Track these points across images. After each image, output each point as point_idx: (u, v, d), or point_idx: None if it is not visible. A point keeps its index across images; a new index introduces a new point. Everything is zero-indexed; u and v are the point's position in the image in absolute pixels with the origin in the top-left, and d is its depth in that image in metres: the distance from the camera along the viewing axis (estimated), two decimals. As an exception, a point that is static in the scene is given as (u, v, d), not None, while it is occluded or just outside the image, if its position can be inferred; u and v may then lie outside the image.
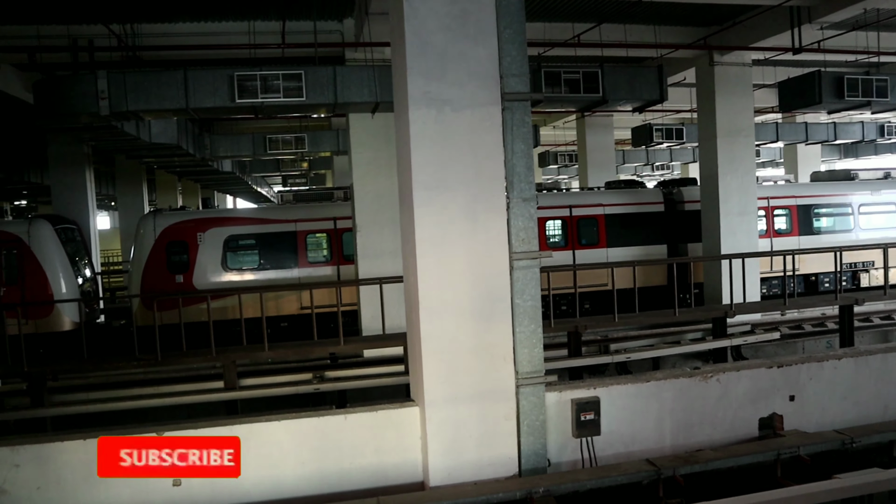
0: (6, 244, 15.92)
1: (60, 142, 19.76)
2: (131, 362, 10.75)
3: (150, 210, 17.96)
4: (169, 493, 7.25)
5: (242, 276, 16.73)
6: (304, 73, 11.35)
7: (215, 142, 20.72)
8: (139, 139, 14.66)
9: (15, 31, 13.75)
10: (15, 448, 7.03)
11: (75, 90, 11.05)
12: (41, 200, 37.36)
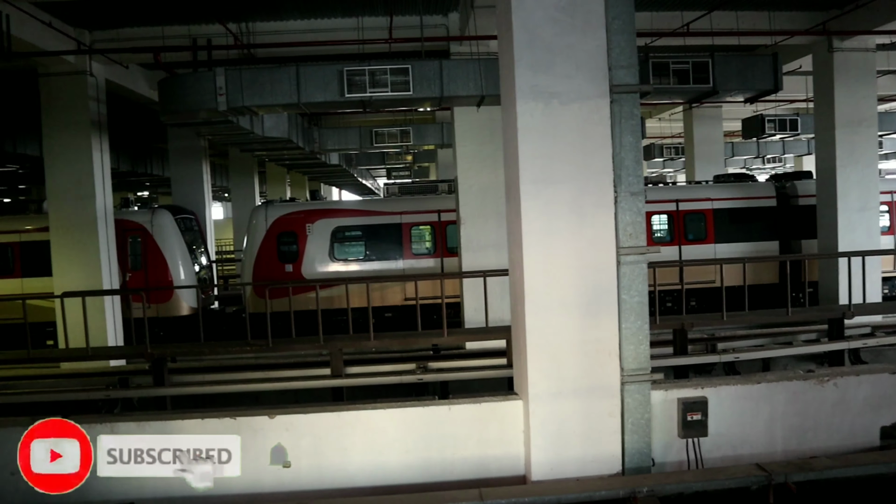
0: (131, 232, 16.94)
1: (180, 136, 20.83)
2: (244, 347, 11.20)
3: (261, 201, 18.68)
4: (278, 474, 7.54)
5: (348, 266, 17.16)
6: (410, 67, 11.50)
7: (324, 135, 21.29)
8: (253, 133, 15.24)
9: (141, 33, 14.56)
10: (141, 424, 7.48)
11: (196, 87, 11.60)
12: (161, 192, 39.49)
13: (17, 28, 12.27)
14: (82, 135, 14.59)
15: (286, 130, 16.58)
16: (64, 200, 14.70)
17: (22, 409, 10.74)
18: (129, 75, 16.33)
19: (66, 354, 12.02)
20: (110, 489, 7.52)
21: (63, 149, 14.66)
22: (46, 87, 14.66)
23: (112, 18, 14.04)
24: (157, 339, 14.19)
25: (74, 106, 14.59)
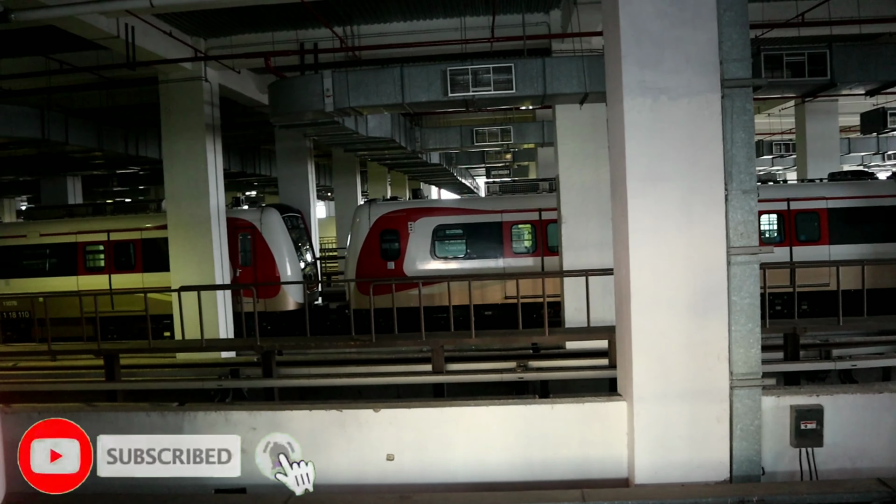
0: (242, 230, 17.66)
1: (287, 137, 21.57)
2: (348, 342, 11.48)
3: (364, 200, 19.11)
4: (382, 467, 7.70)
5: (449, 264, 17.31)
6: (513, 65, 11.48)
7: (425, 135, 21.55)
8: (357, 133, 15.60)
9: (252, 39, 15.16)
10: (252, 413, 7.80)
11: (304, 89, 11.97)
12: (269, 191, 40.95)
13: (141, 39, 13.03)
14: (197, 137, 15.33)
15: (389, 130, 16.88)
16: (181, 200, 15.49)
17: (144, 396, 11.42)
18: (240, 80, 17.04)
19: (182, 345, 12.67)
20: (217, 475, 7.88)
21: (180, 151, 15.45)
22: (166, 92, 15.47)
23: (225, 26, 14.67)
24: (265, 333, 14.69)
25: (191, 110, 15.35)
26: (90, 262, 18.64)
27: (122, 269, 18.34)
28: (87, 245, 18.62)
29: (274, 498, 7.27)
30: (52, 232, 19.02)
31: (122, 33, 12.56)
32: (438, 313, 15.69)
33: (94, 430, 8.18)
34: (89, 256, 18.66)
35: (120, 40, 12.61)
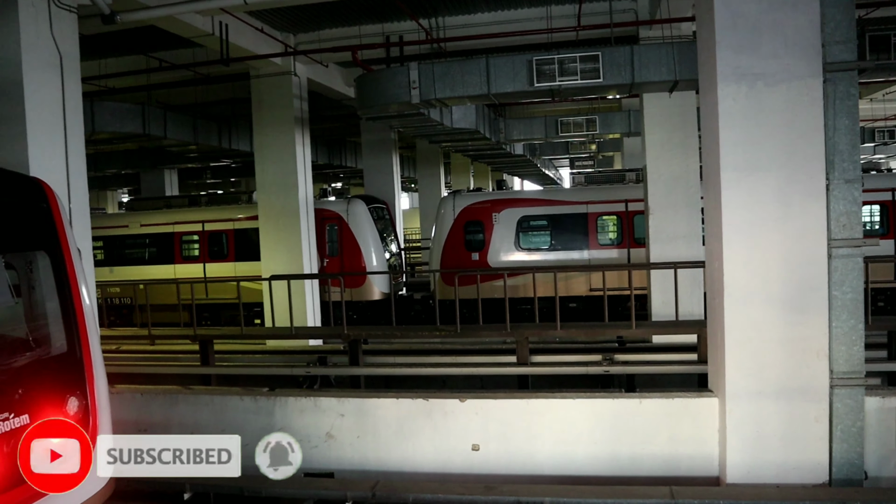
0: (329, 221, 18.03)
1: (372, 130, 21.85)
2: (433, 332, 11.56)
3: (448, 192, 19.20)
4: (468, 456, 7.75)
5: (533, 255, 17.21)
6: (600, 54, 11.27)
7: (509, 126, 21.46)
8: (442, 125, 15.68)
9: (339, 33, 15.40)
10: (341, 399, 7.98)
11: (390, 82, 12.09)
12: (354, 182, 41.67)
13: (234, 36, 13.43)
14: (287, 130, 15.71)
15: (474, 121, 16.88)
16: (271, 191, 15.93)
17: (235, 381, 11.81)
18: (327, 73, 17.36)
19: (272, 333, 13.04)
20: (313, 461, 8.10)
21: (270, 144, 15.87)
22: (257, 87, 15.91)
23: (314, 21, 14.95)
24: (350, 322, 15.00)
25: (280, 104, 15.73)
26: (186, 252, 19.42)
27: (216, 258, 19.02)
28: (184, 235, 19.41)
29: (361, 483, 7.43)
30: (151, 222, 19.91)
31: (217, 31, 12.98)
32: (522, 305, 15.63)
33: (191, 412, 8.59)
34: (185, 246, 19.44)
35: (214, 38, 13.03)
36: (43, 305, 5.58)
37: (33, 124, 8.56)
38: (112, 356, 12.99)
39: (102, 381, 5.69)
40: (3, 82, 8.47)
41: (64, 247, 5.62)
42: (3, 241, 5.35)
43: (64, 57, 8.98)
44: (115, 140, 18.63)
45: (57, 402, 5.19)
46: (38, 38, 8.65)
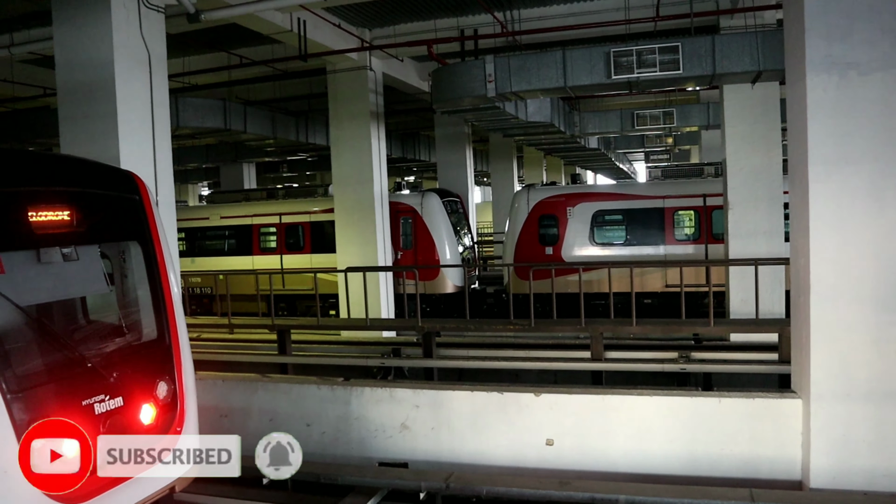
0: (403, 214, 18.19)
1: (446, 123, 21.95)
2: (507, 326, 11.54)
3: (522, 185, 19.11)
4: (541, 451, 7.73)
5: (608, 250, 16.97)
6: (680, 44, 11.02)
7: (584, 119, 21.21)
8: (517, 118, 15.62)
9: (414, 27, 15.51)
10: (417, 391, 8.06)
11: (466, 75, 12.11)
12: (427, 176, 41.92)
13: (312, 32, 13.69)
14: (362, 125, 15.92)
15: (549, 115, 16.75)
16: (347, 184, 16.18)
17: (311, 370, 12.05)
18: (402, 68, 17.50)
19: (348, 324, 13.23)
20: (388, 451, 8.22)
21: (346, 138, 16.12)
22: (333, 82, 16.17)
23: (389, 16, 15.09)
24: (423, 315, 15.03)
25: (356, 98, 15.96)
26: (264, 243, 19.91)
27: (292, 250, 19.43)
28: (262, 227, 19.89)
29: (435, 474, 7.49)
30: (230, 215, 20.48)
31: (295, 27, 13.25)
32: (596, 300, 15.45)
33: (270, 400, 8.83)
34: (263, 238, 19.93)
35: (293, 34, 13.31)
36: (135, 293, 5.82)
37: (124, 121, 8.93)
38: (193, 343, 13.43)
39: (189, 367, 5.91)
40: (97, 81, 8.86)
41: (154, 238, 5.85)
42: (100, 231, 5.61)
43: (152, 56, 9.33)
44: (197, 135, 19.22)
45: (148, 386, 5.41)
46: (128, 38, 9.01)
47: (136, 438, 5.22)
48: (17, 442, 4.42)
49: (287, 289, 17.87)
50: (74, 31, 8.99)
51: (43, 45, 13.08)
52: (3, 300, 4.45)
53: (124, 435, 5.11)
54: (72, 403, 4.82)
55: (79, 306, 5.72)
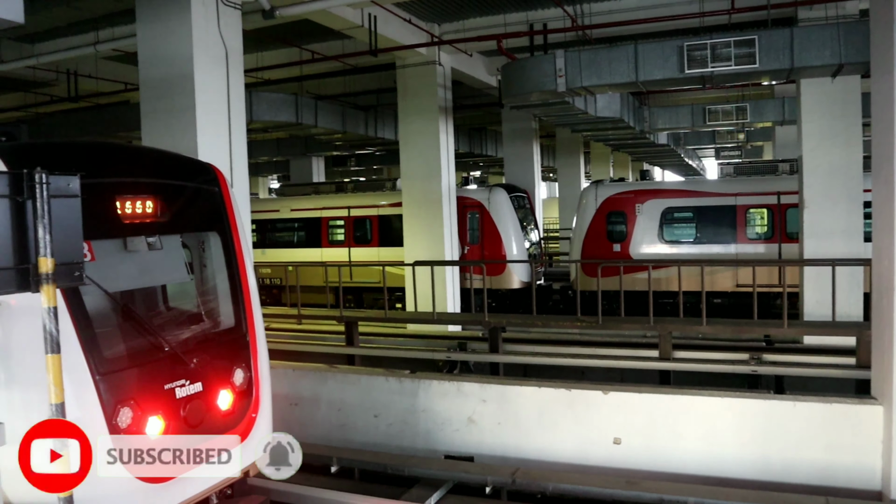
0: (470, 209, 18.22)
1: (513, 118, 21.86)
2: (574, 323, 11.47)
3: (590, 181, 18.88)
4: (608, 449, 7.67)
5: (678, 248, 16.66)
6: (757, 37, 10.72)
7: (654, 114, 20.84)
8: (586, 113, 15.46)
9: (483, 22, 15.47)
10: (483, 385, 8.10)
11: (536, 70, 12.04)
12: (493, 171, 41.86)
13: (382, 27, 13.83)
14: (431, 119, 16.00)
15: (618, 110, 16.53)
16: (415, 179, 16.29)
17: (377, 362, 12.21)
18: (471, 63, 17.51)
19: (415, 317, 13.33)
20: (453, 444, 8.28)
21: (415, 132, 16.23)
22: (402, 77, 16.30)
23: (459, 11, 15.10)
24: (489, 310, 15.07)
25: (425, 93, 16.04)
26: (332, 236, 20.23)
27: (360, 243, 19.69)
28: (331, 220, 20.22)
29: (501, 469, 7.52)
30: (300, 207, 20.88)
31: (366, 22, 13.40)
32: (663, 298, 15.20)
33: (338, 390, 8.99)
34: (332, 230, 20.25)
35: (363, 29, 13.47)
36: (213, 283, 6.01)
37: (202, 114, 9.20)
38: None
39: (264, 356, 6.07)
40: (177, 76, 9.16)
41: (233, 229, 6.03)
42: (182, 222, 5.81)
43: (229, 51, 9.59)
44: (269, 129, 19.63)
45: (225, 373, 5.58)
46: (207, 34, 9.28)
47: (214, 422, 5.42)
48: (106, 421, 4.63)
49: (355, 281, 18.13)
50: (156, 27, 9.32)
51: (126, 42, 13.54)
52: (92, 286, 4.64)
53: (203, 419, 5.30)
54: (155, 387, 5.02)
55: (161, 294, 5.94)
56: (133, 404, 4.83)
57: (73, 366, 4.39)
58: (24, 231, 3.75)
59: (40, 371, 4.16)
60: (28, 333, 4.36)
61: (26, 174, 3.75)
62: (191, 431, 5.20)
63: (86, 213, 4.02)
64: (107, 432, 4.64)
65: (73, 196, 3.92)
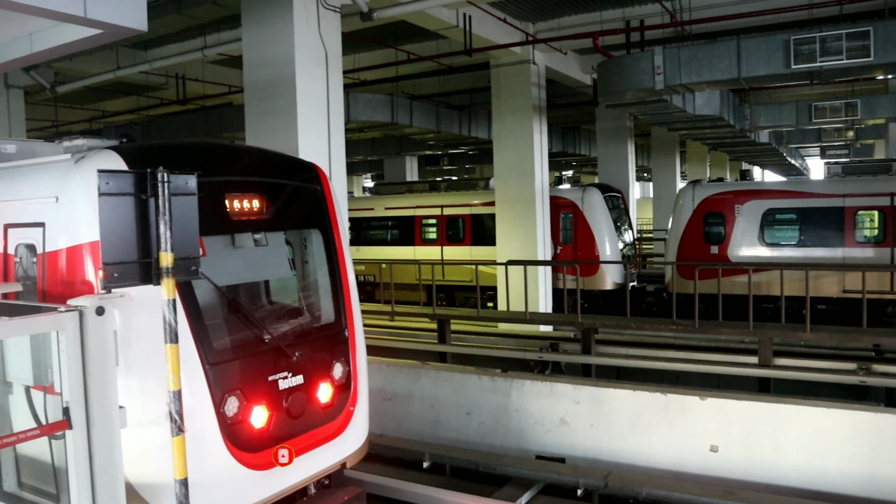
0: (563, 208, 18.08)
1: (608, 117, 21.55)
2: (669, 326, 11.23)
3: (687, 182, 18.37)
4: (705, 457, 7.48)
5: (779, 251, 16.02)
6: (871, 29, 10.19)
7: (755, 112, 20.09)
8: (684, 112, 15.07)
9: (578, 20, 15.30)
10: (577, 387, 8.03)
11: (633, 68, 11.86)
12: (585, 171, 41.38)
13: (477, 27, 13.88)
14: (525, 119, 15.96)
15: (718, 108, 16.04)
16: (508, 178, 16.29)
17: (468, 360, 12.29)
18: (565, 61, 17.37)
19: (507, 316, 13.32)
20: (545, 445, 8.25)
21: (509, 131, 16.22)
22: (496, 76, 16.33)
23: (553, 9, 14.99)
24: (581, 311, 14.91)
25: (519, 92, 16.01)
26: (425, 235, 20.45)
27: (453, 241, 19.83)
28: (424, 218, 20.44)
29: (594, 471, 7.45)
30: (394, 206, 21.21)
31: (461, 23, 13.48)
32: (763, 303, 14.66)
33: (431, 387, 9.10)
34: (425, 229, 20.48)
35: (458, 29, 13.55)
36: (314, 278, 6.20)
37: (303, 115, 9.50)
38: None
39: (363, 351, 6.22)
40: (279, 78, 9.48)
41: (334, 226, 6.21)
42: (286, 219, 6.03)
43: (329, 53, 9.86)
44: (364, 129, 20.01)
45: (325, 367, 5.75)
46: (307, 37, 9.57)
47: (314, 414, 5.60)
48: (215, 410, 4.86)
49: (447, 279, 18.29)
50: (260, 32, 9.68)
51: (231, 46, 14.09)
52: (202, 280, 4.86)
53: (304, 410, 5.48)
54: (259, 378, 5.23)
55: (264, 288, 6.17)
56: (239, 394, 5.04)
57: (186, 356, 4.61)
58: (147, 227, 3.99)
59: (155, 360, 4.42)
60: (145, 324, 4.62)
61: (149, 173, 3.98)
62: (292, 422, 5.39)
63: (198, 211, 4.24)
64: (215, 420, 4.87)
65: (191, 194, 4.14)
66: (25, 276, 5.31)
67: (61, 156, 5.35)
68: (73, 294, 4.63)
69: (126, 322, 4.55)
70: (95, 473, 4.15)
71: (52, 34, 6.85)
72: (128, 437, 4.41)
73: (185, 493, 4.18)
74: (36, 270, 5.14)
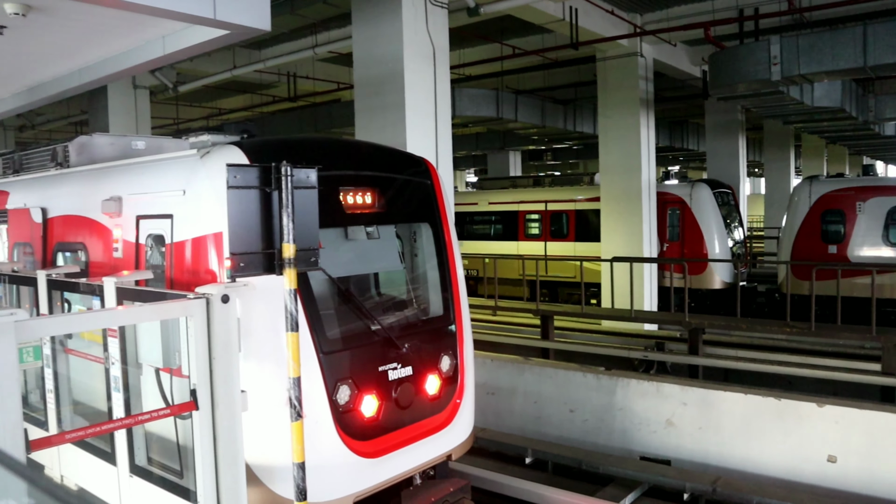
0: (671, 204, 17.61)
1: (718, 111, 20.85)
2: (783, 328, 10.78)
3: (803, 178, 17.49)
4: (821, 468, 7.16)
5: (905, 252, 15.06)
6: None
7: (880, 103, 18.93)
8: (801, 103, 14.38)
9: (687, 10, 14.81)
10: (685, 388, 7.84)
11: (748, 58, 11.43)
12: (693, 166, 40.15)
13: (583, 19, 13.68)
14: (631, 113, 15.63)
15: (839, 99, 15.22)
16: (614, 173, 16.00)
17: (570, 357, 12.18)
18: (673, 53, 16.89)
19: (612, 314, 13.10)
20: (650, 446, 8.09)
21: (614, 126, 15.93)
22: (602, 70, 16.05)
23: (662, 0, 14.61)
24: (689, 310, 14.51)
25: (625, 86, 15.70)
26: (529, 230, 20.37)
27: (556, 237, 19.67)
28: (527, 214, 20.36)
29: (701, 476, 7.26)
30: (498, 201, 21.22)
31: (567, 16, 13.32)
32: (887, 307, 13.83)
33: (535, 382, 9.09)
34: (528, 224, 20.39)
35: (564, 23, 13.40)
36: (424, 271, 6.31)
37: (411, 110, 9.65)
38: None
39: (469, 345, 6.29)
40: (388, 75, 9.67)
41: (443, 220, 6.29)
42: (398, 213, 6.15)
43: (436, 49, 9.97)
44: (469, 123, 20.11)
45: (434, 359, 5.85)
46: (415, 34, 9.71)
47: (422, 406, 5.71)
48: (328, 397, 5.03)
49: (550, 275, 18.17)
50: (370, 29, 9.89)
51: (341, 44, 14.45)
52: (318, 271, 5.02)
53: (412, 401, 5.60)
54: (370, 368, 5.37)
55: (375, 280, 6.32)
56: (350, 383, 5.19)
57: (301, 344, 4.79)
58: (270, 219, 4.17)
59: (271, 347, 4.61)
60: (264, 312, 4.82)
61: (274, 167, 4.16)
62: (400, 412, 5.51)
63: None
64: (328, 407, 5.03)
65: (312, 188, 4.29)
66: (155, 264, 5.63)
67: (187, 151, 5.64)
68: (198, 282, 4.88)
69: (247, 310, 4.75)
70: (219, 453, 4.37)
71: (183, 36, 7.24)
72: (245, 420, 4.63)
73: (303, 477, 4.36)
74: (164, 259, 5.45)
